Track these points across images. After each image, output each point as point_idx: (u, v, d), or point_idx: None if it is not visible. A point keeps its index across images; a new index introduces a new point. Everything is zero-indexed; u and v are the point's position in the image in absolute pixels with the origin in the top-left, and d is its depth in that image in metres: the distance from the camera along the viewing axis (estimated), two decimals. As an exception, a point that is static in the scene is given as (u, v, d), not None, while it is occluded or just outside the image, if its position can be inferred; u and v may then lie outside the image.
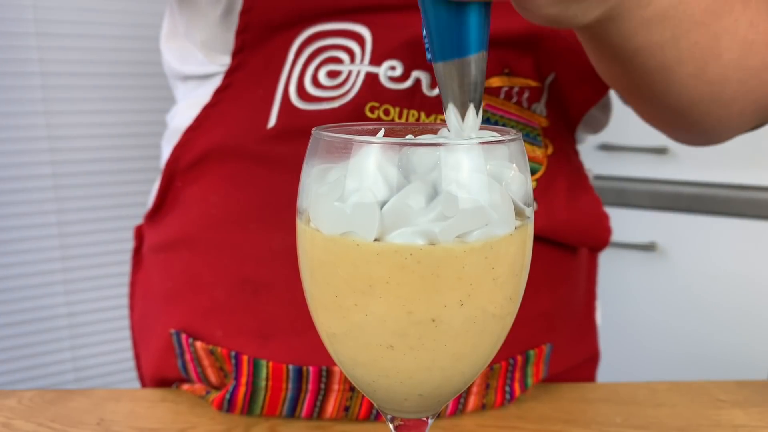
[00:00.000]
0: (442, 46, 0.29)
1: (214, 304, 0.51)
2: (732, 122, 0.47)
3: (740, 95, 0.44)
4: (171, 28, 0.58)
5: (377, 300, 0.27)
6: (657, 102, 0.45)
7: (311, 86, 0.49)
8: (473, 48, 0.29)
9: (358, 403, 0.50)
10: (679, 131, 0.51)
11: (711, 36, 0.40)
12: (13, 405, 0.52)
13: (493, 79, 0.49)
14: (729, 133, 0.50)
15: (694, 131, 0.50)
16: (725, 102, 0.44)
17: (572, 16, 0.34)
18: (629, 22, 0.37)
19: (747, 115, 0.47)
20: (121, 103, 1.40)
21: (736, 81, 0.43)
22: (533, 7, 0.32)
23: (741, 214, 1.26)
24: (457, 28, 0.28)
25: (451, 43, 0.29)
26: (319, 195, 0.28)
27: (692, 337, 1.33)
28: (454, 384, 0.30)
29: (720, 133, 0.50)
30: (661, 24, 0.38)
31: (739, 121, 0.48)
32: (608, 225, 0.59)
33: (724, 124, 0.47)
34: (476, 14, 0.28)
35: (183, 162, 0.53)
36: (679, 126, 0.49)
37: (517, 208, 0.29)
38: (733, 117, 0.46)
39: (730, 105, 0.45)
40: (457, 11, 0.28)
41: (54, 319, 1.41)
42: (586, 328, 0.62)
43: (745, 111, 0.46)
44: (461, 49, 0.29)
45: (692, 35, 0.39)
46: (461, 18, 0.28)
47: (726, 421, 0.51)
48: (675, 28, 0.38)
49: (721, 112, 0.45)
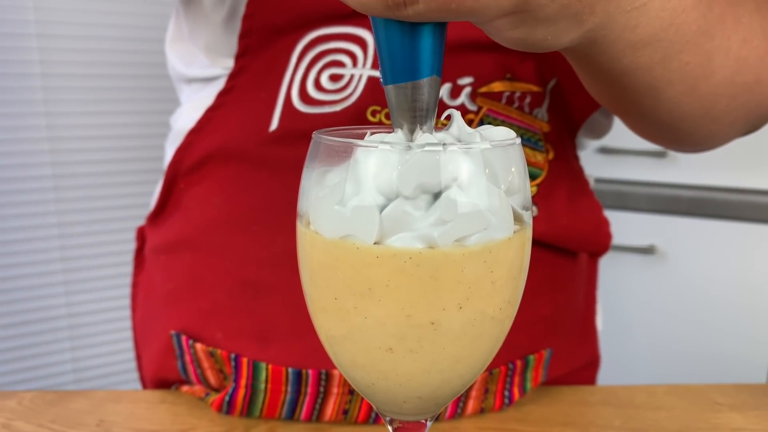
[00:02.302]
0: (393, 68, 0.28)
1: (214, 306, 0.52)
2: (723, 133, 0.47)
3: (732, 109, 0.44)
4: (176, 32, 0.59)
5: (376, 303, 0.27)
6: (646, 118, 0.44)
7: (314, 90, 0.49)
8: (425, 72, 0.28)
9: (357, 405, 0.50)
10: (670, 143, 0.50)
11: (703, 55, 0.39)
12: (13, 406, 0.53)
13: (495, 84, 0.50)
14: (720, 142, 0.49)
15: (685, 143, 0.49)
16: (716, 116, 0.44)
17: (542, 39, 0.32)
18: (615, 45, 0.35)
19: (738, 125, 0.46)
20: (122, 105, 1.40)
21: (728, 96, 0.42)
22: (494, 31, 0.31)
23: (740, 218, 1.26)
24: (409, 51, 0.28)
25: (403, 66, 0.28)
26: (320, 198, 0.28)
27: (691, 340, 1.33)
28: (453, 386, 0.30)
29: (711, 143, 0.49)
30: (651, 47, 0.36)
31: (730, 131, 0.47)
32: (608, 231, 0.60)
33: (716, 136, 0.47)
34: (429, 37, 0.28)
35: (185, 164, 0.54)
36: (670, 139, 0.49)
37: (516, 212, 0.29)
38: (724, 129, 0.46)
39: (722, 119, 0.44)
40: (410, 33, 0.27)
41: (54, 320, 1.41)
42: (587, 333, 0.62)
43: (736, 122, 0.46)
44: (413, 72, 0.28)
45: (683, 56, 0.38)
46: (414, 40, 0.27)
47: (724, 424, 0.51)
48: (665, 49, 0.37)
49: (712, 126, 0.45)
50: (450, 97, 0.49)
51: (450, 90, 0.49)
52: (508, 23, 0.30)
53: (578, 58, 0.38)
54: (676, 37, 0.37)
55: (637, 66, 0.37)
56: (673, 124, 0.44)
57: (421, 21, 0.27)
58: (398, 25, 0.27)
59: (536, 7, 0.29)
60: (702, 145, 0.49)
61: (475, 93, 0.49)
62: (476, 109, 0.49)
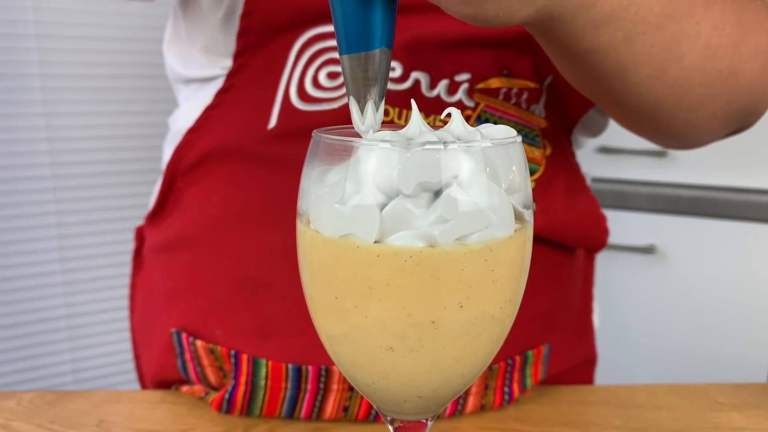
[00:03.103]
0: (348, 39, 0.30)
1: (214, 303, 0.52)
2: (703, 125, 0.46)
3: (707, 98, 0.43)
4: (174, 33, 0.59)
5: (377, 302, 0.27)
6: (619, 104, 0.44)
7: (311, 87, 0.49)
8: (376, 43, 0.30)
9: (357, 403, 0.50)
10: (653, 134, 0.50)
11: (669, 39, 0.39)
12: (12, 406, 0.52)
13: (492, 80, 0.50)
14: (705, 136, 0.49)
15: (665, 134, 0.48)
16: (691, 105, 0.43)
17: (493, 15, 0.33)
18: (575, 23, 0.36)
19: (719, 118, 0.46)
20: (120, 105, 1.40)
21: (700, 85, 0.42)
22: (445, 8, 0.32)
23: (740, 217, 1.26)
24: (363, 23, 0.30)
25: (357, 37, 0.30)
26: (320, 197, 0.28)
27: (691, 339, 1.33)
28: (454, 386, 0.30)
29: (695, 136, 0.48)
30: (611, 25, 0.37)
31: (711, 124, 0.46)
32: (606, 226, 0.60)
33: (695, 127, 0.46)
34: (380, 11, 0.30)
35: (184, 163, 0.54)
36: (649, 129, 0.48)
37: (517, 210, 0.29)
38: (703, 120, 0.45)
39: (698, 108, 0.44)
40: (363, 6, 0.30)
41: (53, 321, 1.41)
42: (584, 329, 0.62)
43: (716, 114, 0.45)
44: (365, 43, 0.30)
45: (647, 37, 0.38)
46: (366, 13, 0.30)
47: (725, 423, 0.51)
48: (627, 30, 0.37)
49: (688, 115, 0.44)
50: (447, 93, 0.49)
51: (447, 86, 0.49)
52: (457, 1, 0.31)
53: (540, 34, 0.39)
54: (637, 17, 0.37)
55: (599, 45, 0.38)
56: (647, 110, 0.44)
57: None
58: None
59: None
60: (687, 137, 0.48)
61: (472, 89, 0.49)
62: (473, 106, 0.50)
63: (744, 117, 0.48)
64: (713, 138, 0.50)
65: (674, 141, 0.51)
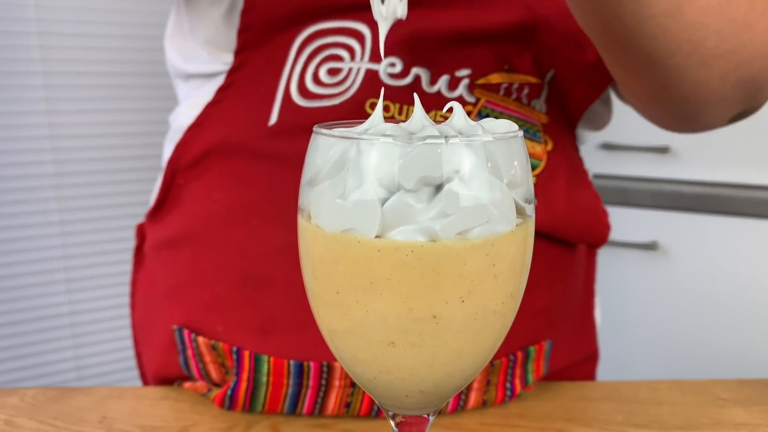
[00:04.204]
0: None
1: (215, 300, 0.52)
2: (714, 88, 0.45)
3: (720, 54, 0.42)
4: (176, 27, 0.59)
5: (378, 297, 0.27)
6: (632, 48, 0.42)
7: (312, 84, 0.49)
8: None
9: (359, 399, 0.50)
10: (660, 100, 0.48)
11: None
12: (15, 403, 0.53)
13: (492, 76, 0.50)
14: (713, 106, 0.47)
15: (673, 97, 0.47)
16: (704, 58, 0.42)
17: None
18: None
19: (730, 83, 0.45)
20: (122, 102, 1.40)
21: (715, 33, 0.41)
22: None
23: (742, 213, 1.26)
24: None
25: None
26: (321, 192, 0.28)
27: (694, 335, 1.33)
28: (455, 381, 0.30)
29: (704, 102, 0.47)
30: None
31: (723, 88, 0.45)
32: (607, 221, 0.59)
33: (705, 89, 0.45)
34: None
35: (185, 159, 0.54)
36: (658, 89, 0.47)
37: (518, 205, 0.29)
38: (714, 81, 0.44)
39: (710, 64, 0.43)
40: None
41: (56, 318, 1.41)
42: (585, 325, 0.62)
43: (728, 77, 0.44)
44: None
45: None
46: None
47: (727, 419, 0.51)
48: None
49: (700, 71, 0.43)
50: (448, 89, 0.49)
51: (448, 82, 0.49)
52: None
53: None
54: None
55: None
56: (660, 60, 0.42)
57: None
58: None
59: None
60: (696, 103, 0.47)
61: (472, 85, 0.49)
62: (474, 101, 0.49)
63: (754, 90, 0.47)
64: (721, 112, 0.48)
65: (680, 112, 0.49)
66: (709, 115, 0.49)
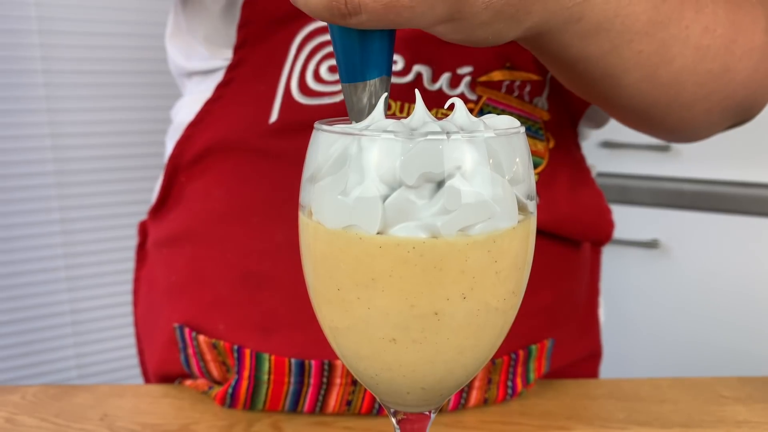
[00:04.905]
0: (347, 69, 0.31)
1: (216, 298, 0.52)
2: (699, 122, 0.46)
3: (700, 97, 0.43)
4: (175, 25, 0.59)
5: (380, 293, 0.27)
6: (612, 104, 0.44)
7: (313, 81, 0.49)
8: (375, 72, 0.31)
9: (361, 396, 0.50)
10: (651, 131, 0.50)
11: (658, 44, 0.39)
12: (17, 400, 0.53)
13: (494, 73, 0.50)
14: (703, 131, 0.49)
15: (662, 130, 0.48)
16: (684, 104, 0.43)
17: (483, 39, 0.33)
18: (562, 36, 0.36)
19: (715, 114, 0.46)
20: (123, 100, 1.40)
21: (693, 84, 0.42)
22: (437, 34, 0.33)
23: (744, 212, 1.26)
24: (360, 54, 0.31)
25: (354, 67, 0.31)
26: (322, 188, 0.28)
27: (695, 333, 1.33)
28: (457, 377, 0.30)
29: (692, 131, 0.48)
30: (598, 37, 0.37)
31: (708, 119, 0.46)
32: (611, 219, 0.59)
33: (691, 124, 0.46)
34: (379, 40, 0.30)
35: (186, 157, 0.54)
36: (646, 126, 0.48)
37: (520, 201, 0.29)
38: (698, 117, 0.45)
39: (692, 106, 0.44)
40: (362, 38, 0.30)
41: (57, 316, 1.41)
42: (589, 324, 0.62)
43: (711, 111, 0.45)
44: (363, 73, 0.31)
45: (635, 45, 0.38)
46: (366, 45, 0.30)
47: (729, 417, 0.51)
48: (614, 39, 0.37)
49: (683, 113, 0.44)
50: (450, 86, 0.49)
51: (449, 79, 0.49)
52: (448, 29, 0.32)
53: (531, 47, 0.39)
54: (623, 27, 0.37)
55: (588, 54, 0.38)
56: (641, 110, 0.44)
57: (367, 29, 0.29)
58: (348, 30, 0.30)
59: (470, 16, 0.31)
60: (684, 132, 0.48)
61: (474, 82, 0.49)
62: (476, 99, 0.49)
63: (742, 111, 0.48)
64: (712, 131, 0.50)
65: (673, 136, 0.51)
66: (701, 135, 0.50)
